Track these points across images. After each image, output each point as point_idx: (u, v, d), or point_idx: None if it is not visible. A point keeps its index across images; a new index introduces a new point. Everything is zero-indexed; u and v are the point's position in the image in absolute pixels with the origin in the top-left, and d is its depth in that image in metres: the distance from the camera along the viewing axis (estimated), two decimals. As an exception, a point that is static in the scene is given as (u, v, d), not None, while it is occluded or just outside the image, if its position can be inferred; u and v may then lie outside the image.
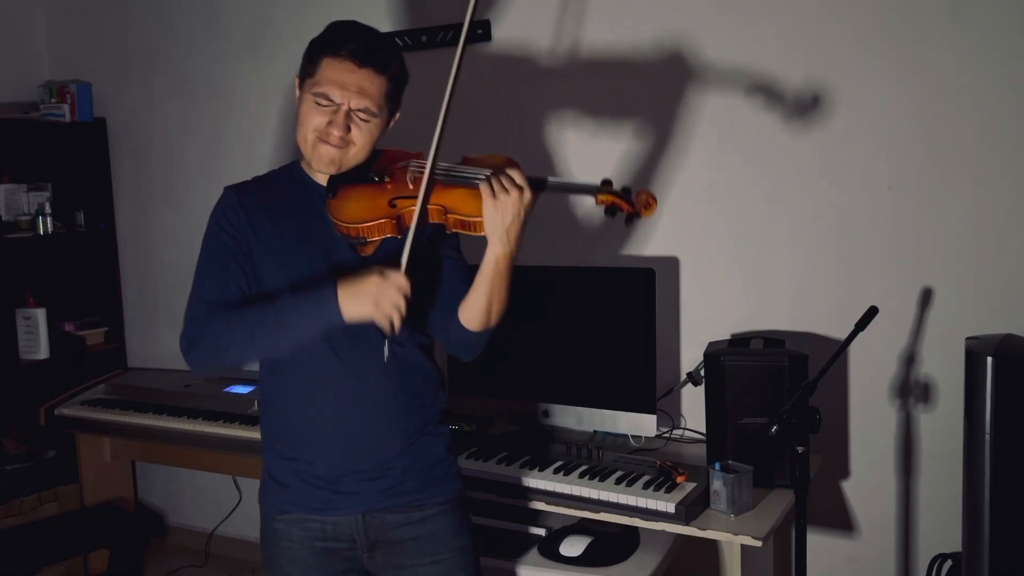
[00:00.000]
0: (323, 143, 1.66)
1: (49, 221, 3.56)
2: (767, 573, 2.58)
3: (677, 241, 2.77)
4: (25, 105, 3.76)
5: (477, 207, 1.58)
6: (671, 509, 2.11)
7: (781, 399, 2.20)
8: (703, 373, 2.41)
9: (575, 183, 1.70)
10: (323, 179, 1.73)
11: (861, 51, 2.47)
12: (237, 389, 3.20)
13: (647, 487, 2.21)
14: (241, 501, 3.61)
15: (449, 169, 1.65)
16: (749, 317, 2.68)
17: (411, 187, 1.65)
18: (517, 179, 1.57)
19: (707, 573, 2.51)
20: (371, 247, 1.68)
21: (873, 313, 2.08)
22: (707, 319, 2.73)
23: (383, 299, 1.54)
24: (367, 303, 1.55)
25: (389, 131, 1.76)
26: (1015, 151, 2.34)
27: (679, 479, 2.22)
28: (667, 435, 2.67)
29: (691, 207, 2.73)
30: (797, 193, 2.59)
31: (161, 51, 3.65)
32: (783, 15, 2.55)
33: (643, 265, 2.57)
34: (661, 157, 2.74)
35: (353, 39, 1.65)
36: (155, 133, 3.71)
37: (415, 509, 1.75)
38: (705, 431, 2.40)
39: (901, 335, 2.50)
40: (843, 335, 2.13)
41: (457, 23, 1.58)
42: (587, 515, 2.27)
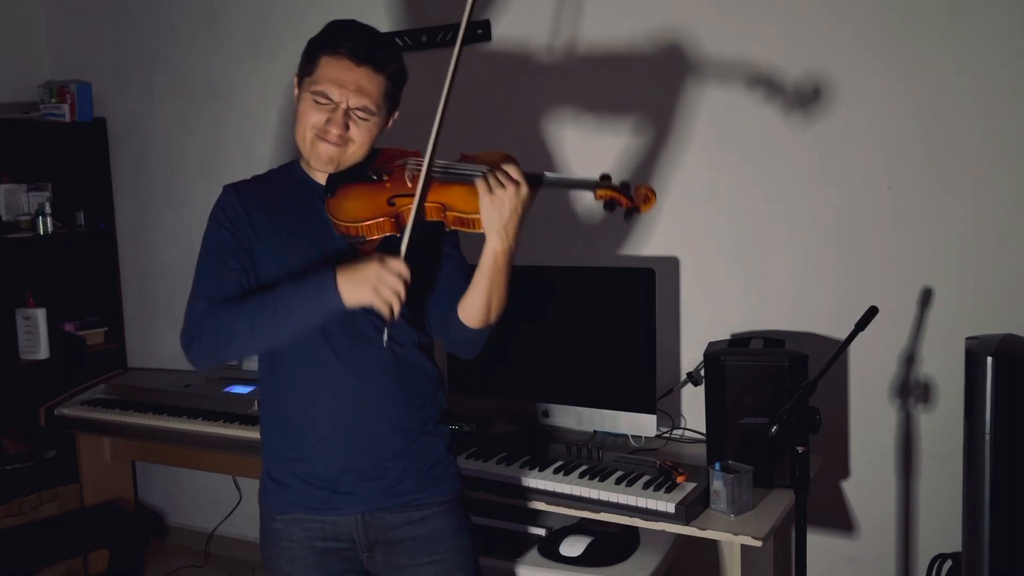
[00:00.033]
0: (321, 141, 1.66)
1: (49, 221, 3.56)
2: (767, 573, 2.58)
3: (677, 241, 2.77)
4: (25, 105, 3.76)
5: (476, 204, 1.58)
6: (671, 509, 2.11)
7: (781, 399, 2.20)
8: (703, 373, 2.41)
9: (574, 178, 1.70)
10: (322, 178, 1.73)
11: (861, 51, 2.47)
12: (237, 389, 3.20)
13: (647, 487, 2.20)
14: (241, 501, 3.61)
15: (447, 167, 1.65)
16: (749, 317, 2.68)
17: (409, 185, 1.65)
18: (513, 174, 1.57)
19: (707, 573, 2.51)
20: (371, 246, 1.68)
21: (873, 313, 2.08)
22: (707, 319, 2.73)
23: (382, 285, 1.54)
24: (367, 288, 1.55)
25: (389, 130, 1.76)
26: (1015, 151, 2.34)
27: (679, 479, 2.22)
28: (667, 435, 2.67)
29: (691, 207, 2.73)
30: (797, 193, 2.59)
31: (161, 51, 3.65)
32: (782, 14, 2.55)
33: (643, 265, 2.57)
34: (661, 154, 2.73)
35: (352, 38, 1.65)
36: (155, 133, 3.72)
37: (414, 509, 1.74)
38: (705, 431, 2.40)
39: (901, 335, 2.50)
40: (843, 335, 2.13)
41: (457, 23, 1.59)
42: (587, 515, 2.27)
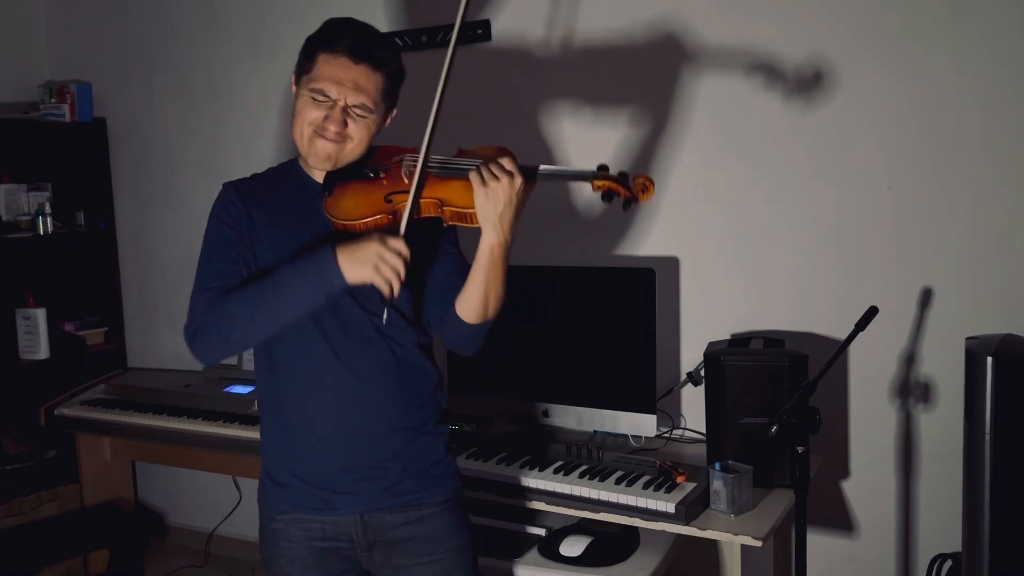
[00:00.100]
0: (319, 138, 1.66)
1: (49, 221, 3.56)
2: (767, 573, 2.58)
3: (677, 241, 2.76)
4: (25, 105, 3.76)
5: (472, 198, 1.58)
6: (671, 509, 2.11)
7: (781, 399, 2.20)
8: (703, 373, 2.41)
9: (571, 170, 1.70)
10: (320, 176, 1.73)
11: (861, 51, 2.47)
12: (237, 389, 3.20)
13: (647, 487, 2.20)
14: (241, 501, 3.61)
15: (443, 162, 1.66)
16: (749, 317, 2.68)
17: (406, 181, 1.65)
18: (507, 165, 1.57)
19: (707, 573, 2.51)
20: None
21: (873, 313, 2.08)
22: (707, 319, 2.73)
23: (383, 262, 1.55)
24: (368, 266, 1.55)
25: (389, 129, 1.76)
26: (1015, 151, 2.34)
27: (679, 479, 2.22)
28: (667, 435, 2.67)
29: (691, 207, 2.73)
30: (797, 193, 2.59)
31: (161, 51, 3.65)
32: (781, 14, 2.55)
33: (643, 265, 2.57)
34: (660, 147, 2.73)
35: (349, 35, 1.65)
36: (155, 133, 3.71)
37: (413, 509, 1.74)
38: (705, 431, 2.40)
39: (901, 335, 2.50)
40: (843, 335, 2.13)
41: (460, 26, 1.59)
42: (587, 515, 2.27)
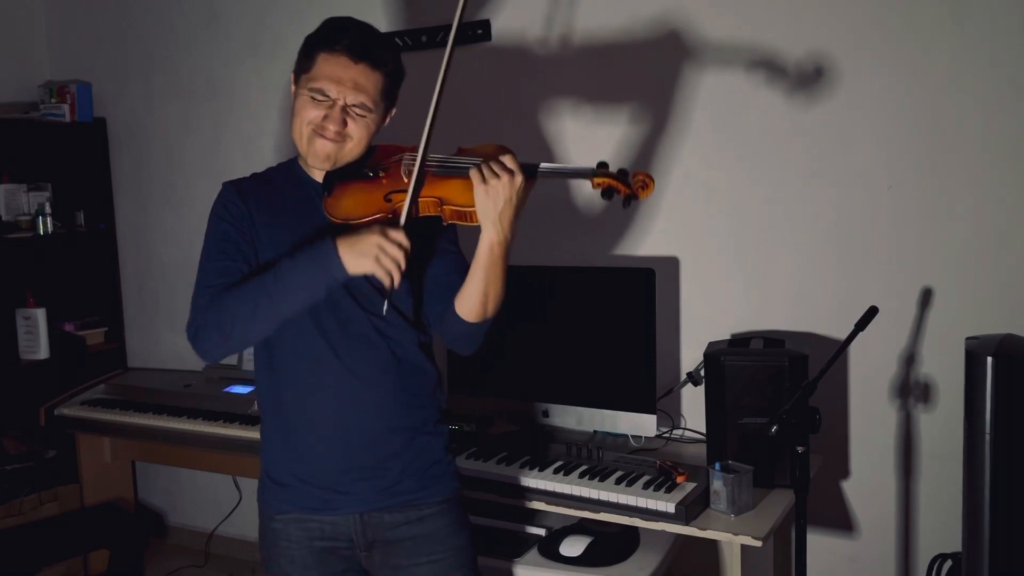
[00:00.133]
0: (319, 137, 1.66)
1: (49, 221, 3.56)
2: (767, 573, 2.58)
3: (677, 241, 2.76)
4: (25, 105, 3.76)
5: (472, 197, 1.58)
6: (671, 509, 2.11)
7: (781, 399, 2.20)
8: (703, 373, 2.41)
9: (570, 167, 1.70)
10: (320, 176, 1.73)
11: (861, 50, 2.47)
12: (237, 389, 3.20)
13: (647, 487, 2.20)
14: (241, 501, 3.61)
15: (443, 160, 1.66)
16: (749, 317, 2.68)
17: (406, 180, 1.65)
18: (507, 163, 1.57)
19: (707, 573, 2.51)
20: None
21: (873, 313, 2.08)
22: (707, 319, 2.73)
23: (383, 254, 1.55)
24: (369, 257, 1.55)
25: (389, 129, 1.76)
26: (1015, 151, 2.34)
27: (679, 479, 2.22)
28: (667, 435, 2.67)
29: (691, 207, 2.73)
30: (797, 193, 2.59)
31: (161, 51, 3.65)
32: (781, 12, 2.55)
33: (643, 265, 2.57)
34: (661, 147, 2.73)
35: (349, 35, 1.65)
36: (155, 133, 3.71)
37: (413, 509, 1.74)
38: (705, 431, 2.40)
39: (901, 335, 2.50)
40: (843, 335, 2.13)
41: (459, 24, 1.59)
42: (587, 515, 2.27)
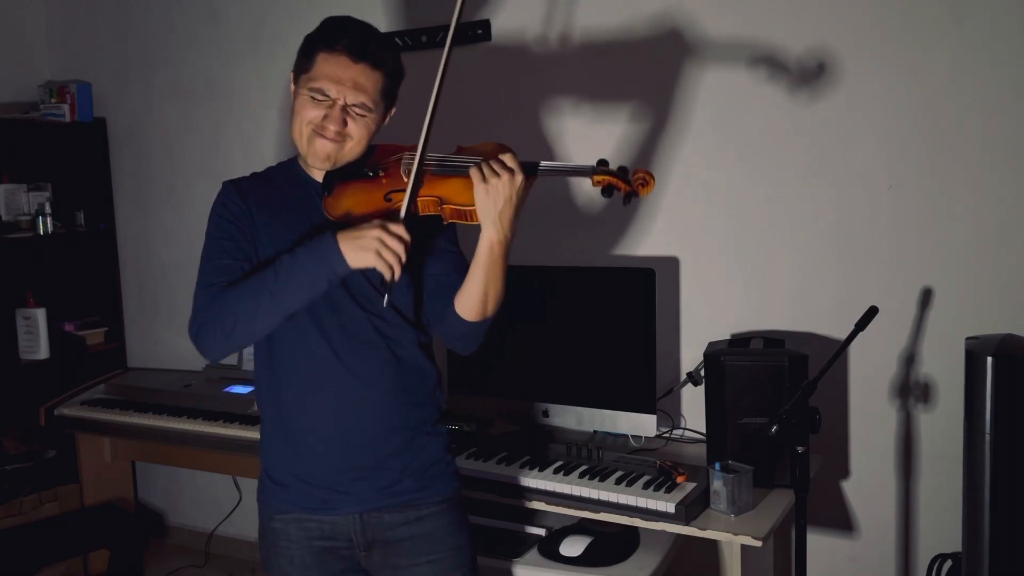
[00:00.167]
0: (319, 137, 1.66)
1: (49, 221, 3.56)
2: (767, 573, 2.58)
3: (677, 241, 2.76)
4: (25, 105, 3.76)
5: (472, 195, 1.58)
6: (671, 509, 2.11)
7: (781, 399, 2.20)
8: (703, 373, 2.41)
9: (570, 165, 1.70)
10: (320, 175, 1.73)
11: (860, 50, 2.47)
12: (237, 389, 3.20)
13: (647, 487, 2.20)
14: (241, 501, 3.61)
15: (442, 159, 1.65)
16: (749, 317, 2.68)
17: (405, 180, 1.65)
18: (508, 162, 1.57)
19: (707, 573, 2.51)
20: None
21: (873, 313, 2.08)
22: (707, 319, 2.73)
23: (384, 248, 1.55)
24: (369, 251, 1.55)
25: (388, 128, 1.76)
26: (1015, 151, 2.34)
27: (679, 479, 2.22)
28: (667, 435, 2.67)
29: (691, 207, 2.73)
30: (797, 193, 2.59)
31: (161, 51, 3.65)
32: (780, 12, 2.55)
33: (643, 265, 2.57)
34: (661, 146, 2.73)
35: (348, 34, 1.64)
36: (155, 133, 3.71)
37: (412, 508, 1.74)
38: (705, 431, 2.40)
39: (901, 335, 2.50)
40: (843, 335, 2.13)
41: (457, 23, 1.58)
42: (587, 515, 2.27)
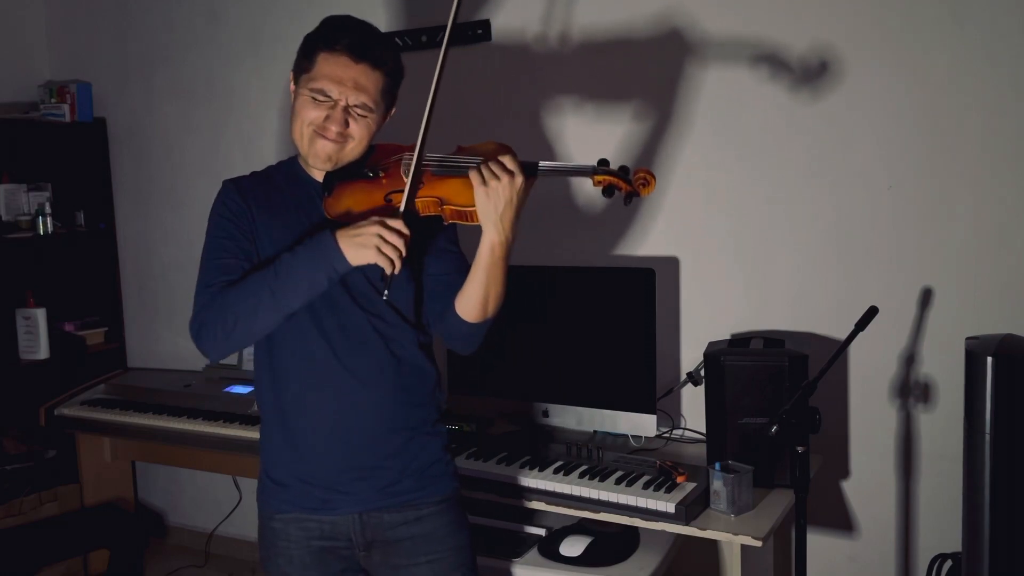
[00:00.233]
0: (320, 138, 1.66)
1: (49, 221, 3.56)
2: (767, 573, 2.58)
3: (677, 241, 2.76)
4: (25, 105, 3.76)
5: (472, 196, 1.57)
6: (671, 509, 2.11)
7: (781, 399, 2.20)
8: (703, 373, 2.41)
9: (571, 165, 1.69)
10: (320, 175, 1.72)
11: (861, 50, 2.47)
12: (237, 389, 3.20)
13: (647, 487, 2.20)
14: (241, 501, 3.61)
15: (442, 159, 1.65)
16: (749, 317, 2.68)
17: (405, 180, 1.65)
18: (508, 164, 1.56)
19: (707, 573, 2.51)
20: None
21: (873, 313, 2.08)
22: (707, 319, 2.73)
23: (384, 243, 1.54)
24: (369, 248, 1.55)
25: (388, 128, 1.76)
26: (1015, 151, 2.34)
27: (679, 479, 2.22)
28: (667, 435, 2.67)
29: (691, 207, 2.73)
30: (797, 193, 2.59)
31: (161, 51, 3.65)
32: (780, 12, 2.55)
33: (643, 265, 2.57)
34: (661, 147, 2.73)
35: (349, 34, 1.64)
36: (155, 133, 3.71)
37: (412, 508, 1.74)
38: (705, 431, 2.40)
39: (901, 335, 2.50)
40: (843, 335, 2.13)
41: (458, 22, 1.58)
42: (587, 515, 2.27)
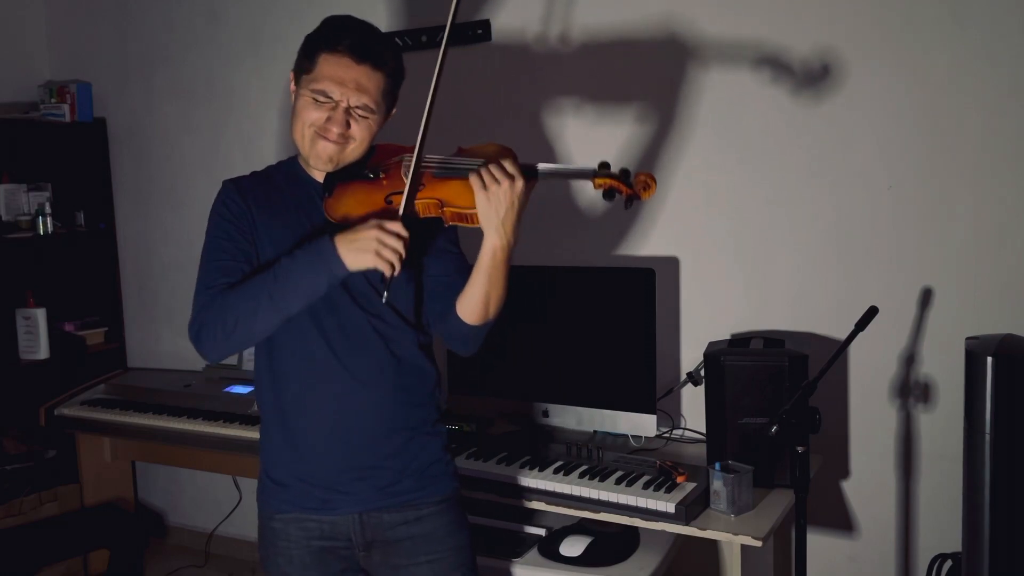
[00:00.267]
0: (321, 139, 1.66)
1: (49, 221, 3.56)
2: (767, 573, 2.58)
3: (677, 241, 2.76)
4: (25, 105, 3.76)
5: (472, 198, 1.57)
6: (671, 509, 2.11)
7: (781, 399, 2.20)
8: (703, 373, 2.41)
9: (572, 168, 1.69)
10: (321, 176, 1.72)
11: (861, 51, 2.47)
12: (237, 389, 3.20)
13: (647, 487, 2.20)
14: (241, 501, 3.61)
15: (443, 161, 1.64)
16: (749, 317, 2.68)
17: (406, 182, 1.64)
18: (508, 168, 1.55)
19: (707, 573, 2.51)
20: None
21: (873, 313, 2.08)
22: (707, 319, 2.73)
23: (383, 247, 1.54)
24: (368, 252, 1.55)
25: (388, 128, 1.76)
26: (1015, 151, 2.34)
27: (679, 479, 2.22)
28: (667, 435, 2.67)
29: (691, 207, 2.73)
30: (797, 193, 2.59)
31: (161, 51, 3.65)
32: (780, 12, 2.55)
33: (643, 265, 2.57)
34: (662, 148, 2.73)
35: (350, 35, 1.64)
36: (155, 133, 3.71)
37: (412, 508, 1.74)
38: (705, 431, 2.40)
39: (901, 335, 2.50)
40: (843, 335, 2.13)
41: (458, 22, 1.58)
42: (587, 515, 2.27)
